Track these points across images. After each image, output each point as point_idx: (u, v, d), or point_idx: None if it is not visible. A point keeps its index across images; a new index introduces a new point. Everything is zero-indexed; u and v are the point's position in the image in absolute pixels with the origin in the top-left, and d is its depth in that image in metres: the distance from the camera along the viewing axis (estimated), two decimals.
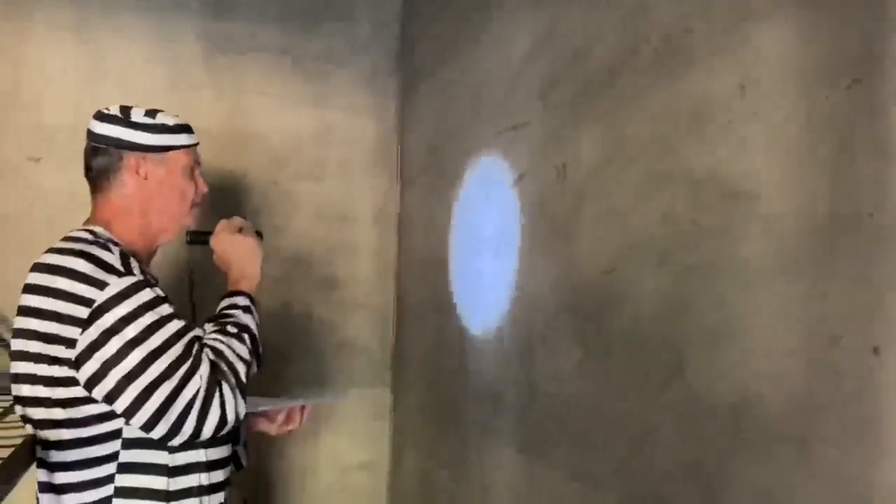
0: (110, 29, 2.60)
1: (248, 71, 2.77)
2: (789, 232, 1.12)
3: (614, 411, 1.50)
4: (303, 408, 1.67)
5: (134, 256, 1.41)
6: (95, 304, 1.24)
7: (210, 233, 1.59)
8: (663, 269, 1.38)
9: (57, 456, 1.30)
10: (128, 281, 1.29)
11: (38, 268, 1.30)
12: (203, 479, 1.40)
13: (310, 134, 2.88)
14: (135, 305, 1.27)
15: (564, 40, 1.76)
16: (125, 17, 2.61)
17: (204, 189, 1.60)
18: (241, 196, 2.69)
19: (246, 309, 1.47)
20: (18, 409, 1.34)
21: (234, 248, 1.55)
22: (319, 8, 2.88)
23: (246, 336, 1.42)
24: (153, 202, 1.50)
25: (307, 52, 2.87)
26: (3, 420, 1.72)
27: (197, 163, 1.59)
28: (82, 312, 1.24)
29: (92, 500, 1.30)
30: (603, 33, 1.60)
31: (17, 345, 1.29)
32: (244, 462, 1.65)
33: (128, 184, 1.48)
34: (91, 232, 1.41)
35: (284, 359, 2.75)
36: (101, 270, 1.28)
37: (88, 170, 1.52)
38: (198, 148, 1.64)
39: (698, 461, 1.26)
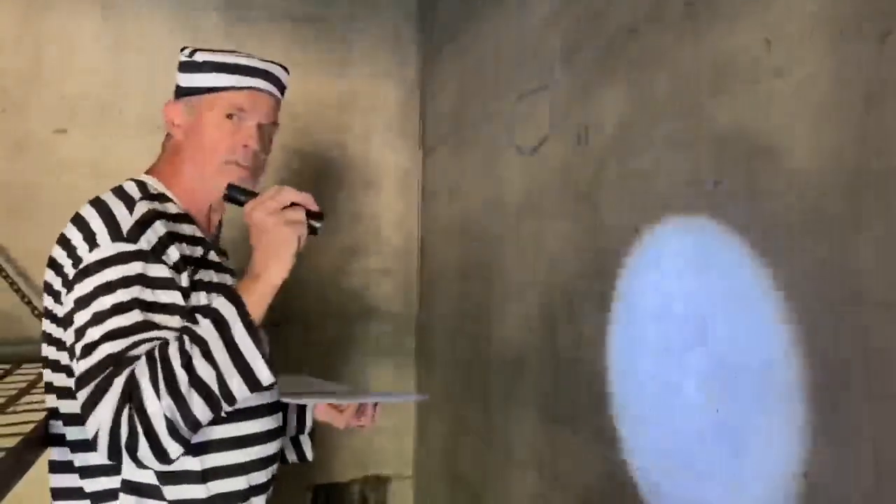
0: (132, 1, 2.61)
1: (270, 39, 2.77)
2: (816, 188, 1.10)
3: (636, 375, 1.49)
4: (375, 404, 1.44)
5: (187, 215, 1.24)
6: (81, 265, 1.10)
7: (251, 195, 1.18)
8: (686, 229, 1.37)
9: (65, 430, 1.16)
10: (118, 248, 1.10)
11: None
12: (241, 482, 1.22)
13: (332, 101, 2.87)
14: (105, 280, 1.08)
15: (586, 0, 1.73)
16: None
17: (250, 143, 1.25)
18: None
19: (218, 322, 1.07)
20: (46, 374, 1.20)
21: (264, 230, 1.13)
22: None
23: (198, 358, 1.04)
24: (185, 153, 1.27)
25: (328, 18, 2.86)
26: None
27: (241, 109, 1.25)
28: (71, 270, 1.11)
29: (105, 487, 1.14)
30: None
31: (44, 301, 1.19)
32: (309, 455, 1.51)
33: (168, 133, 1.30)
34: (139, 182, 1.22)
35: (309, 325, 2.78)
36: (105, 228, 1.11)
37: None
38: (265, 98, 1.29)
39: (720, 419, 1.26)
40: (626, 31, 1.56)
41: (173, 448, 1.02)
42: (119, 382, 1.00)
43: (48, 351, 1.18)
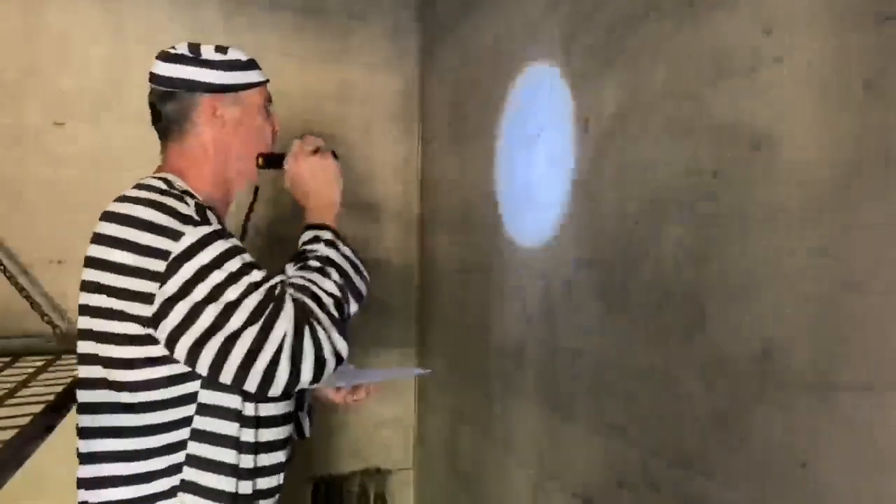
0: None
1: (268, 30, 2.76)
2: (814, 178, 1.09)
3: (635, 365, 1.49)
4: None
5: (211, 208, 1.27)
6: (172, 256, 1.14)
7: (284, 155, 1.39)
8: (685, 220, 1.36)
9: (114, 420, 1.18)
10: (204, 230, 1.17)
11: (109, 217, 1.18)
12: (263, 459, 1.28)
13: (331, 92, 2.86)
14: (212, 256, 1.16)
15: None
16: None
17: (278, 128, 1.45)
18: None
19: (329, 243, 1.30)
20: (81, 369, 1.22)
21: (311, 172, 1.36)
22: None
23: (332, 270, 1.26)
24: (232, 147, 1.35)
25: (326, 9, 2.85)
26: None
27: (269, 100, 1.42)
28: (159, 266, 1.13)
29: (161, 467, 1.18)
30: None
31: (85, 299, 1.19)
32: (307, 432, 1.54)
33: (204, 129, 1.33)
34: (165, 181, 1.24)
35: None
36: (175, 221, 1.16)
37: (157, 118, 1.35)
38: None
39: (721, 412, 1.25)
40: (625, 19, 1.55)
41: (343, 346, 1.20)
42: (287, 307, 1.15)
43: (107, 325, 1.17)
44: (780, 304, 1.13)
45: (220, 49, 1.34)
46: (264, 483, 1.26)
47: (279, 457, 1.29)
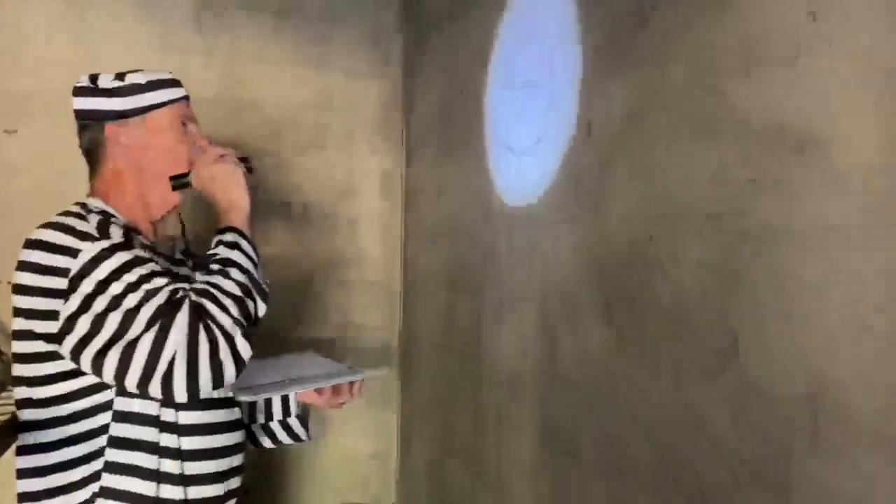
0: None
1: (243, 33, 2.57)
2: (871, 188, 0.92)
3: (652, 400, 1.31)
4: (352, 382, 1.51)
5: (136, 229, 1.37)
6: (72, 273, 1.20)
7: (189, 172, 1.40)
8: (711, 236, 1.18)
9: (40, 437, 1.25)
10: (101, 244, 1.22)
11: (24, 243, 1.26)
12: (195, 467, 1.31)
13: (310, 100, 2.68)
14: (111, 268, 1.20)
15: None
16: None
17: (202, 143, 1.45)
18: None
19: (231, 245, 1.29)
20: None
21: (213, 179, 1.36)
22: None
23: (232, 269, 1.26)
24: (144, 170, 1.40)
25: (306, 10, 2.67)
26: None
27: (188, 118, 1.46)
28: (61, 283, 1.20)
29: (81, 476, 1.24)
30: None
31: (13, 324, 1.27)
32: (303, 435, 1.59)
33: (114, 155, 1.40)
34: (82, 205, 1.34)
35: (284, 342, 2.57)
36: (73, 238, 1.22)
37: (80, 147, 1.44)
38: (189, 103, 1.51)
39: (758, 461, 1.07)
40: (635, 12, 1.38)
41: (245, 348, 1.21)
42: (184, 310, 1.16)
43: (22, 346, 1.26)
44: (834, 336, 0.95)
45: (119, 76, 1.41)
46: (200, 492, 1.30)
47: (217, 465, 1.34)
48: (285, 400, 1.56)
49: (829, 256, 0.97)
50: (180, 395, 1.15)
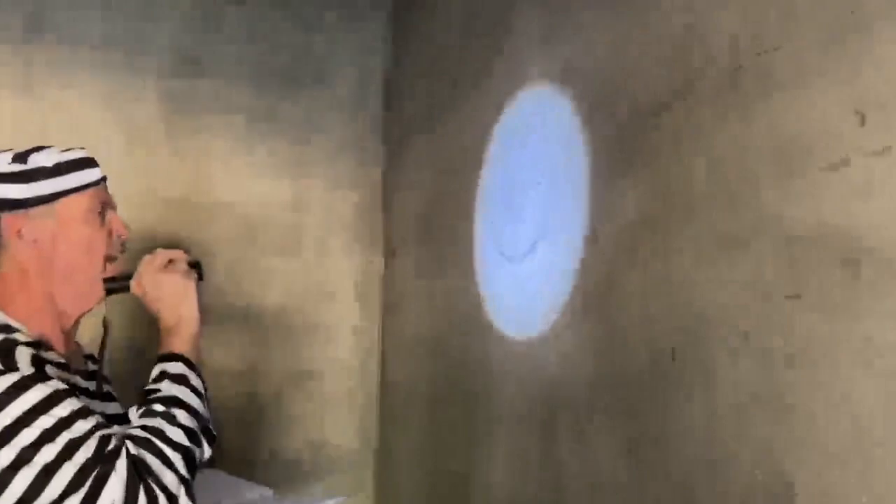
0: (57, 86, 2.29)
1: (215, 134, 2.45)
2: None
3: None
4: None
5: (46, 343, 1.14)
6: None
7: (129, 275, 1.22)
8: (747, 355, 1.05)
9: None
10: (7, 381, 1.00)
11: None
12: None
13: (284, 203, 2.54)
14: (20, 411, 0.99)
15: (586, 76, 1.47)
16: (76, 73, 2.31)
17: (123, 232, 1.24)
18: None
19: (177, 378, 1.13)
20: None
21: (158, 290, 1.19)
22: (297, 67, 2.60)
23: (179, 413, 1.10)
24: (52, 267, 1.18)
25: (282, 114, 2.57)
26: None
27: (107, 203, 1.24)
28: None
29: None
30: (643, 61, 1.31)
31: None
32: None
33: (14, 251, 1.17)
34: None
35: (248, 464, 2.34)
36: None
37: None
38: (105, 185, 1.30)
39: None
40: (645, 106, 1.30)
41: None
42: (119, 467, 0.99)
43: None
44: None
45: (19, 157, 1.18)
46: None
47: None
48: None
49: (888, 384, 0.84)
50: None
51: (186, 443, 1.07)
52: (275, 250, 2.53)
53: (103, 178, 1.25)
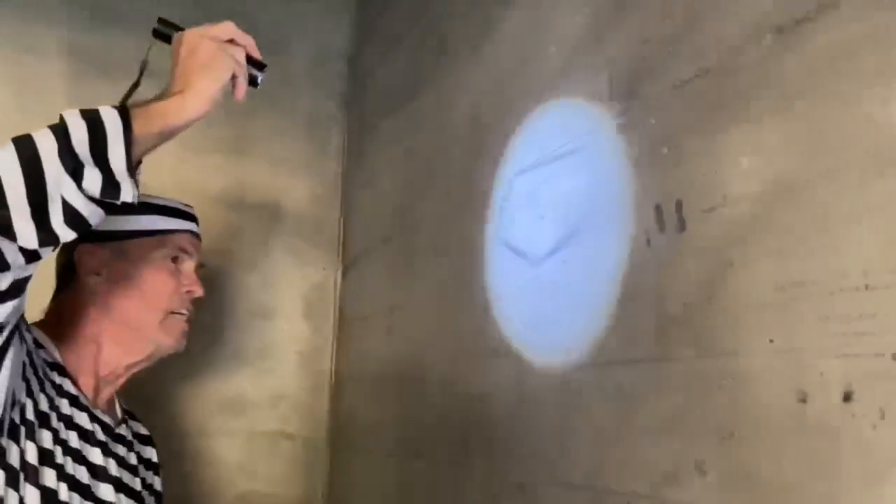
0: None
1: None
2: None
3: None
4: None
5: (63, 367, 1.15)
6: None
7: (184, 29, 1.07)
8: None
9: None
10: None
11: None
12: None
13: (216, 194, 2.10)
14: None
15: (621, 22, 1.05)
16: None
17: (196, 290, 1.32)
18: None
19: (58, 131, 0.89)
20: None
21: (193, 54, 1.01)
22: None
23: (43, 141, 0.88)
24: (103, 305, 1.23)
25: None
26: None
27: (184, 251, 1.32)
28: None
29: None
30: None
31: None
32: None
33: (78, 284, 1.22)
34: None
35: None
36: None
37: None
38: (197, 241, 1.41)
39: None
40: (696, 61, 0.88)
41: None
42: None
43: None
44: None
45: None
46: None
47: None
48: None
49: None
50: None
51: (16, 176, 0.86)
52: (207, 252, 2.08)
53: (190, 231, 1.28)
